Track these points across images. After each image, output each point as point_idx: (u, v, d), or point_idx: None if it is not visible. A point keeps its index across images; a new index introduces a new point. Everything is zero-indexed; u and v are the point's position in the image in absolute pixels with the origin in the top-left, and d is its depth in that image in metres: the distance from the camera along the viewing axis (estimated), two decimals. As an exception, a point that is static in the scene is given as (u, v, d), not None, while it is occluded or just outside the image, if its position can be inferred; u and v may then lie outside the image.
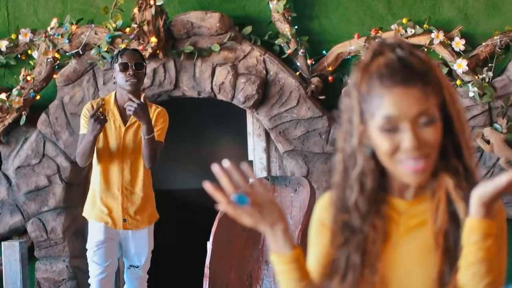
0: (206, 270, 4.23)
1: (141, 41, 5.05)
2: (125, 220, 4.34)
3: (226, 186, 1.57)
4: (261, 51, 5.15)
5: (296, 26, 5.13)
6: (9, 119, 5.32)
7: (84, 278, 4.84)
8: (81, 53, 5.27)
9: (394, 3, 5.17)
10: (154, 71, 5.20)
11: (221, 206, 1.57)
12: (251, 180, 1.59)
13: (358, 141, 1.59)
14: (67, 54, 5.30)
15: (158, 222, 4.52)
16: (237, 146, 5.97)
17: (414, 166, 1.53)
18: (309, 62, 5.12)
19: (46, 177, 5.31)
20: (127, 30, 5.11)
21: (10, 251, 4.94)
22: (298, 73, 5.17)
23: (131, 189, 4.35)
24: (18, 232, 5.44)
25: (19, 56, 5.47)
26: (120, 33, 5.12)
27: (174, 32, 5.19)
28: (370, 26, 5.13)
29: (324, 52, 5.19)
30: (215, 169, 1.57)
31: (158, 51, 5.08)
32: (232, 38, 5.13)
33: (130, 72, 4.29)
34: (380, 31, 5.06)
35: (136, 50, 4.57)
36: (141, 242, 4.41)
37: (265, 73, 5.13)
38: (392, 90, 1.52)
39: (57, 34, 5.23)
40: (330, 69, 5.14)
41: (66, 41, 5.21)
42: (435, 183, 1.60)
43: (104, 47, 5.12)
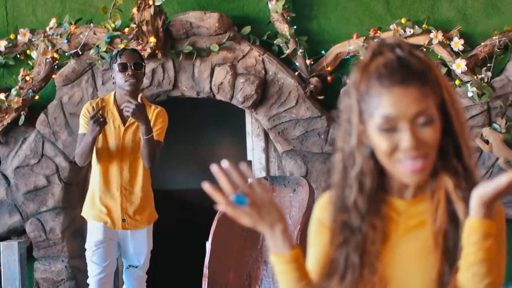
0: (205, 270, 4.23)
1: (140, 41, 5.05)
2: (124, 220, 4.34)
3: (225, 186, 1.57)
4: (260, 51, 5.14)
5: (295, 26, 5.13)
6: (8, 119, 5.32)
7: (83, 278, 4.83)
8: (80, 53, 5.27)
9: (393, 3, 5.17)
10: (153, 71, 5.20)
11: (220, 206, 1.57)
12: (250, 180, 1.59)
13: (357, 141, 1.59)
14: (66, 54, 5.30)
15: (157, 222, 4.52)
16: (236, 146, 5.97)
17: (412, 166, 1.53)
18: (308, 62, 5.12)
19: (45, 177, 5.31)
20: (126, 30, 5.11)
21: (9, 251, 4.94)
22: (297, 73, 5.17)
23: (130, 189, 4.35)
24: (16, 232, 5.44)
25: (18, 56, 5.46)
26: (119, 33, 5.12)
27: (173, 32, 5.18)
28: (369, 26, 5.12)
29: (323, 52, 5.19)
30: (214, 169, 1.57)
31: (157, 51, 5.08)
32: (231, 38, 5.13)
33: (129, 72, 4.28)
34: (379, 31, 5.06)
35: (135, 50, 4.57)
36: (140, 242, 4.40)
37: (264, 73, 5.12)
38: (390, 90, 1.53)
39: (56, 34, 5.23)
40: (329, 69, 5.14)
41: (65, 41, 5.21)
42: (435, 183, 1.60)
43: (103, 47, 5.12)
